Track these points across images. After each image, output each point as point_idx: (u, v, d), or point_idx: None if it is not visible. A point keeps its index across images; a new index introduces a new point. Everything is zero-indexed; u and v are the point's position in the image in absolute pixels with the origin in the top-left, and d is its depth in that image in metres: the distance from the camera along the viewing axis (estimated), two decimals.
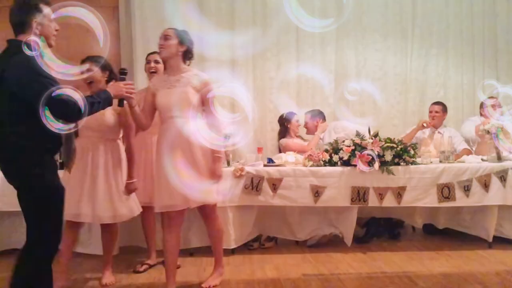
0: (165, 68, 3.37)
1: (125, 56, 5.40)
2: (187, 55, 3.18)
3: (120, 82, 2.82)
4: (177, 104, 3.04)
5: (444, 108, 5.14)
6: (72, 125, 2.36)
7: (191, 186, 2.90)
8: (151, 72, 3.78)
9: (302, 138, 5.16)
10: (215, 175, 3.08)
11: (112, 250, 3.59)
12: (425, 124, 4.96)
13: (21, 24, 2.45)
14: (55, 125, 2.27)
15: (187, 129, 2.98)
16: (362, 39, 5.70)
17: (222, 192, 3.28)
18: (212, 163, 3.09)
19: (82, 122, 2.48)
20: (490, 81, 5.29)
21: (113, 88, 2.74)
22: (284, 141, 5.03)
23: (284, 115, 5.10)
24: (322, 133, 4.93)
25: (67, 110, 2.31)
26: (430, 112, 5.13)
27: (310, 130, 5.09)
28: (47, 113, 2.27)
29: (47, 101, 2.23)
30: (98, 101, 2.52)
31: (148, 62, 3.83)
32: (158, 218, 3.99)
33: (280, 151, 5.04)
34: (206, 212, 3.27)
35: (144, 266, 3.79)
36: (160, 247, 3.49)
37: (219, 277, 3.42)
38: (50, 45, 2.53)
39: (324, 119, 5.10)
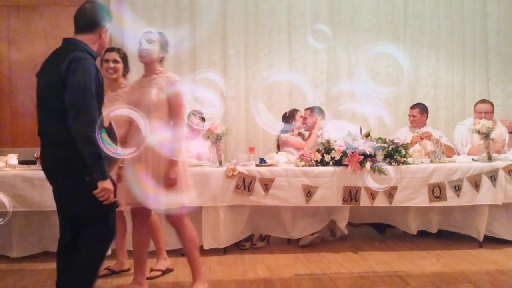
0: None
1: None
2: (163, 58, 3.12)
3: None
4: (142, 105, 2.89)
5: (422, 110, 5.14)
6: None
7: (139, 189, 2.82)
8: (109, 72, 3.51)
9: (303, 136, 5.17)
10: (168, 179, 2.91)
11: None
12: (418, 134, 4.85)
13: (92, 24, 2.43)
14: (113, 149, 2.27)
15: (146, 130, 2.82)
16: (353, 39, 5.72)
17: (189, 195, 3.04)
18: (166, 167, 2.92)
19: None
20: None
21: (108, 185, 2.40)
22: (284, 136, 5.02)
23: (287, 112, 5.11)
24: (320, 130, 4.93)
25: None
26: (409, 116, 5.17)
27: (309, 127, 5.10)
28: (104, 135, 2.23)
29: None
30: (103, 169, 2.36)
31: (106, 61, 3.50)
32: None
33: (278, 146, 5.04)
34: (168, 219, 3.11)
35: (104, 271, 3.54)
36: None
37: None
38: (100, 54, 2.55)
39: (323, 116, 5.10)
